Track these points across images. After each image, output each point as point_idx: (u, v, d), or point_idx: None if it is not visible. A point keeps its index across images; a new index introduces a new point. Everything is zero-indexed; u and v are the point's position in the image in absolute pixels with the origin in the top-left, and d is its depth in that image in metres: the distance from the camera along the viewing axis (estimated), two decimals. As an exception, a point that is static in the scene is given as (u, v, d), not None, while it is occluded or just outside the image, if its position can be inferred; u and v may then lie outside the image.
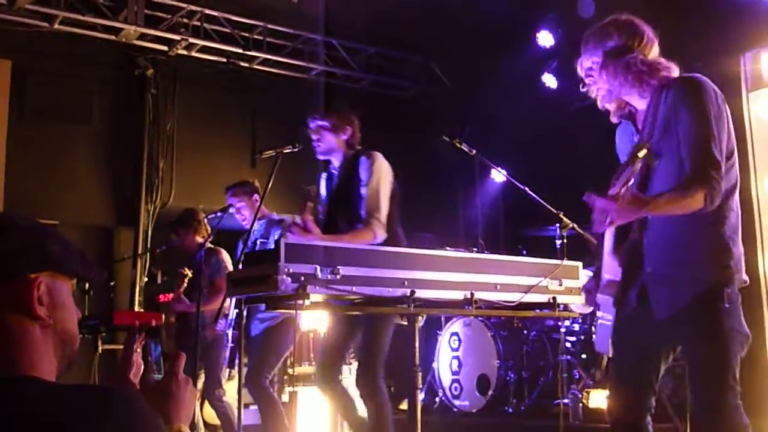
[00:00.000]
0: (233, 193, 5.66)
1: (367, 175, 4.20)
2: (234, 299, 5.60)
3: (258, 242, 5.51)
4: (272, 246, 4.77)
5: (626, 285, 2.94)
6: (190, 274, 5.87)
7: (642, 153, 2.58)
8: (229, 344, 5.71)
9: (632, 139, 3.02)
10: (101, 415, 1.17)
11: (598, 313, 3.10)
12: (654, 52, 2.97)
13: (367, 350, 4.18)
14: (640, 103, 2.97)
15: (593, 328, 5.53)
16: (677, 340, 2.90)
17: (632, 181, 2.72)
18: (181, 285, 5.88)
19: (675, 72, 2.91)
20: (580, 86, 3.08)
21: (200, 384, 5.77)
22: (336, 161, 4.48)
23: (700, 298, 2.74)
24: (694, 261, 2.79)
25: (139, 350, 1.73)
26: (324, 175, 4.58)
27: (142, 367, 1.72)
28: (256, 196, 5.63)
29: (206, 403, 6.11)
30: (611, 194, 2.57)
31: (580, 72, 3.05)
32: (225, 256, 6.04)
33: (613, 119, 3.09)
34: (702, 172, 2.66)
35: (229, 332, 5.67)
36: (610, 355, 3.13)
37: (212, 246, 6.02)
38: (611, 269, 2.97)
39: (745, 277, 2.86)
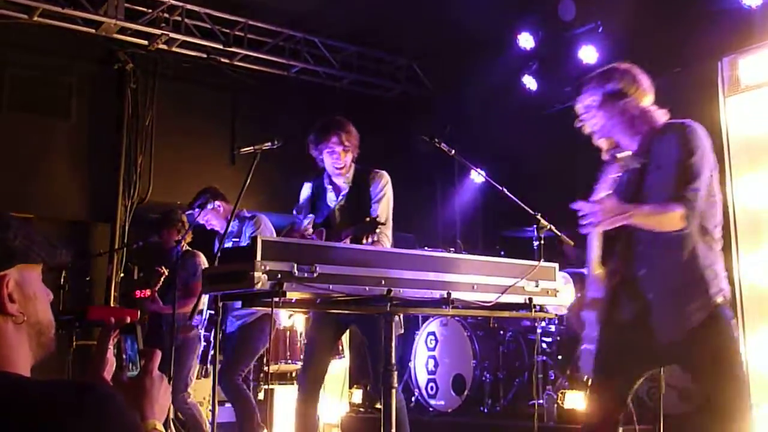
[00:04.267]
0: (196, 215, 5.61)
1: (378, 193, 4.36)
2: (208, 298, 5.58)
3: (231, 242, 5.49)
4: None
5: (617, 306, 3.10)
6: (167, 273, 5.85)
7: (622, 154, 2.69)
8: (203, 343, 5.67)
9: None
10: (78, 411, 1.14)
11: (584, 335, 3.23)
12: (647, 101, 3.16)
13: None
14: (629, 145, 3.15)
15: (579, 351, 5.57)
16: (679, 361, 3.09)
17: (615, 184, 2.85)
18: (157, 283, 5.87)
19: (663, 118, 3.13)
20: (576, 121, 3.28)
21: None
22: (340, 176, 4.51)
23: (706, 322, 2.91)
24: (695, 287, 2.96)
25: (112, 347, 1.71)
26: (311, 184, 4.57)
27: (115, 363, 1.70)
28: (216, 202, 5.59)
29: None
30: (595, 199, 2.73)
31: (579, 108, 3.25)
32: (202, 259, 6.00)
33: (604, 156, 3.27)
34: (681, 194, 2.87)
35: (202, 331, 5.64)
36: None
37: (190, 249, 6.00)
38: (594, 287, 3.12)
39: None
